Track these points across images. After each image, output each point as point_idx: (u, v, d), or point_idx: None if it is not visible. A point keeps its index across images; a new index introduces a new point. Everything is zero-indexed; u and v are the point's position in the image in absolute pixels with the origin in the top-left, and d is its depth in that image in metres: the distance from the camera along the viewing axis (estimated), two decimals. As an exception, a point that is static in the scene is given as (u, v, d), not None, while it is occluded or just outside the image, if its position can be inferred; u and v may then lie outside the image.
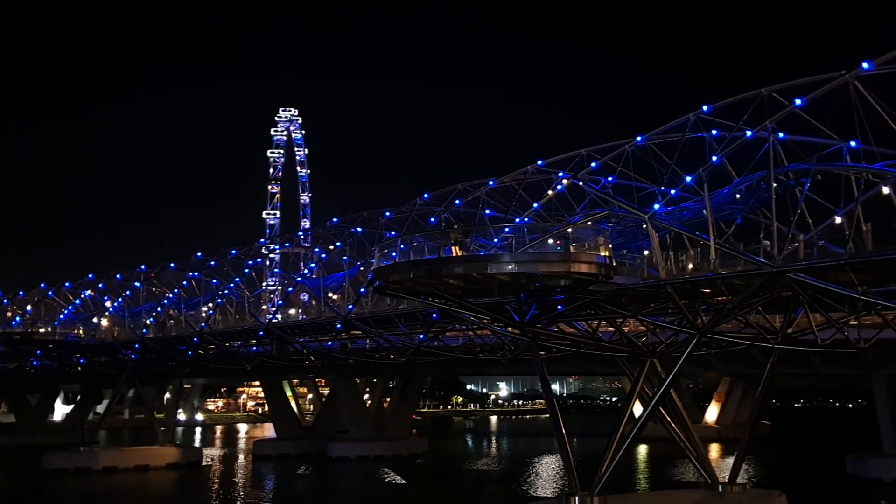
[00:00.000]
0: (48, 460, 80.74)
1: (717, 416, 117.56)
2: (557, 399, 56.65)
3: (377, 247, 37.72)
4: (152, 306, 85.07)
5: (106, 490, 68.79)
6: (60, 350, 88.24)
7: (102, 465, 79.62)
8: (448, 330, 63.57)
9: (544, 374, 39.36)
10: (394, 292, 36.98)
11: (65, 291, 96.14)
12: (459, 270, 31.69)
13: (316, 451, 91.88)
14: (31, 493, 68.83)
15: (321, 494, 68.13)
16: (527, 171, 49.43)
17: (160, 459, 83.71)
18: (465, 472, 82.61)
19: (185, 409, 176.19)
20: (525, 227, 37.53)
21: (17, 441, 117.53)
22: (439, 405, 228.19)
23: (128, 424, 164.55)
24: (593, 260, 31.99)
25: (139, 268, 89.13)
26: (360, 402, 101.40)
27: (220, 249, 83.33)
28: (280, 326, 70.94)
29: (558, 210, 46.41)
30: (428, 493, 65.68)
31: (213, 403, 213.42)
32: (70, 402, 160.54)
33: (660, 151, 44.08)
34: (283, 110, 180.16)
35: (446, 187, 56.99)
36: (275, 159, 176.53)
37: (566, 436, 37.83)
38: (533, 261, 31.74)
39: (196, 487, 70.31)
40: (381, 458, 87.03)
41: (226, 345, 79.81)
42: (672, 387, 39.95)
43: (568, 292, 35.14)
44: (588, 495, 36.27)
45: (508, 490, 65.47)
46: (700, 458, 41.93)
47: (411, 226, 57.60)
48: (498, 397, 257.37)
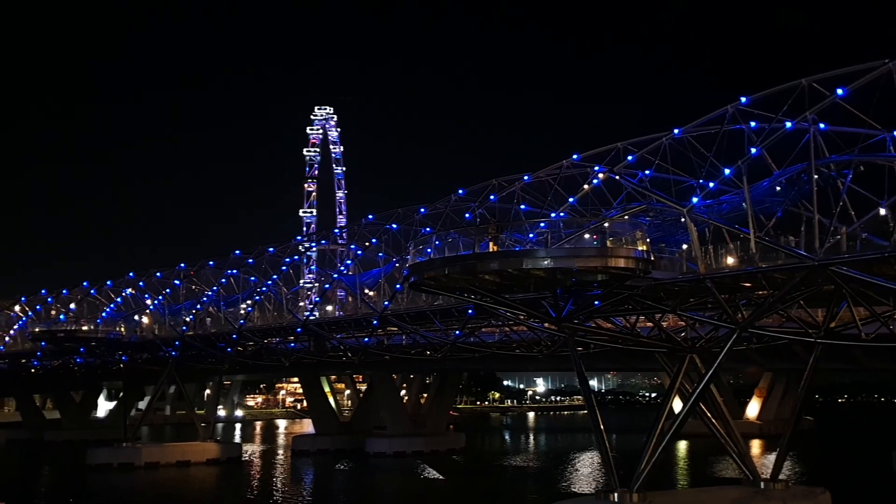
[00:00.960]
0: (92, 456, 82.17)
1: (759, 411, 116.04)
2: (595, 395, 56.13)
3: (412, 243, 37.74)
4: (192, 304, 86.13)
5: (148, 485, 69.87)
6: (103, 347, 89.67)
7: (144, 461, 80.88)
8: (484, 326, 63.40)
9: (582, 370, 39.12)
10: (429, 288, 36.98)
11: (106, 290, 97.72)
12: (494, 266, 31.57)
13: (354, 447, 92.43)
14: (75, 487, 70.13)
15: (360, 490, 68.51)
16: (562, 165, 49.02)
17: (201, 455, 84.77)
18: (503, 468, 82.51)
19: (225, 405, 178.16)
20: (561, 222, 37.28)
21: (62, 437, 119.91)
22: (476, 401, 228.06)
23: (169, 420, 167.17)
24: (631, 254, 31.66)
25: (179, 266, 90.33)
26: (397, 398, 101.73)
27: (258, 247, 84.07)
28: (317, 323, 71.38)
29: (594, 204, 45.95)
30: (466, 489, 65.68)
31: (252, 399, 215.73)
32: (113, 398, 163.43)
33: (697, 144, 43.42)
34: (319, 108, 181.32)
35: (481, 183, 56.77)
36: (311, 157, 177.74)
37: (605, 432, 37.59)
38: (569, 256, 31.49)
39: (236, 483, 71.09)
40: (418, 453, 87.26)
41: (264, 341, 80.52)
42: (712, 382, 39.54)
43: (605, 287, 34.84)
44: (627, 492, 36.01)
45: (546, 486, 65.17)
46: (741, 454, 41.42)
47: (446, 222, 57.49)
48: (535, 393, 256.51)
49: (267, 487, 67.48)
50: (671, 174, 44.47)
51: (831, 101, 36.74)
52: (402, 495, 65.26)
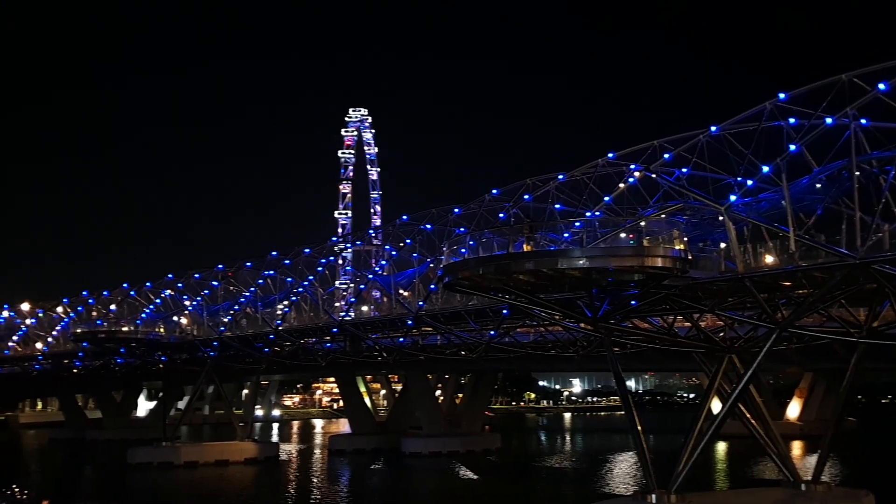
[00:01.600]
0: (132, 455, 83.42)
1: (800, 412, 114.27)
2: (633, 396, 55.73)
3: (446, 243, 37.80)
4: (230, 304, 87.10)
5: (187, 484, 70.73)
6: (143, 348, 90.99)
7: (184, 460, 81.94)
8: (519, 326, 63.22)
9: (618, 370, 38.80)
10: (463, 289, 36.95)
11: (146, 291, 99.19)
12: (529, 266, 31.45)
13: (390, 447, 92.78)
14: (116, 486, 71.26)
15: (396, 490, 68.68)
16: (597, 164, 48.65)
17: (239, 454, 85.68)
18: (539, 468, 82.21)
19: (262, 404, 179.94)
20: (596, 221, 37.05)
21: (104, 436, 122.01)
22: (511, 402, 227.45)
23: (208, 420, 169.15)
24: (668, 254, 31.34)
25: (216, 267, 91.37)
26: (432, 398, 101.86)
27: (295, 248, 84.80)
28: (353, 323, 71.77)
29: (630, 203, 45.55)
30: (502, 490, 65.53)
31: (289, 399, 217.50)
32: (153, 398, 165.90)
33: (735, 141, 42.82)
34: (353, 110, 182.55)
35: (515, 182, 56.59)
36: (345, 159, 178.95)
37: (642, 433, 37.26)
38: (605, 255, 31.25)
39: (274, 482, 71.69)
40: (454, 454, 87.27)
41: (301, 341, 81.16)
42: (751, 383, 38.93)
43: (642, 287, 34.52)
44: (665, 493, 35.66)
45: (583, 487, 64.79)
46: (782, 455, 40.81)
47: (480, 222, 57.43)
48: (571, 394, 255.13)
49: (304, 487, 67.96)
50: (709, 172, 43.95)
51: (872, 97, 36.04)
52: (438, 495, 65.27)
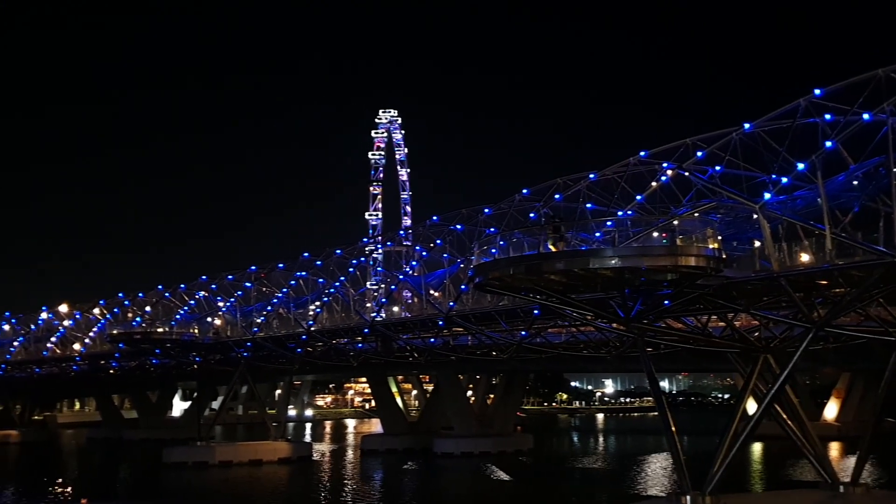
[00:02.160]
0: (167, 454, 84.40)
1: (837, 413, 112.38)
2: (666, 396, 55.12)
3: (477, 244, 37.69)
4: (262, 305, 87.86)
5: (222, 483, 71.41)
6: (177, 349, 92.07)
7: (218, 460, 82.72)
8: (550, 326, 62.94)
9: (652, 371, 38.47)
10: (494, 289, 36.83)
11: (180, 292, 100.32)
12: (560, 266, 31.25)
13: (421, 447, 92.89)
14: (152, 485, 72.17)
15: (429, 490, 68.77)
16: (629, 162, 48.25)
17: (272, 454, 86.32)
18: (572, 469, 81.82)
19: (295, 404, 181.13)
20: (628, 220, 36.73)
21: (140, 436, 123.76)
22: (543, 402, 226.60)
23: (241, 420, 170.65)
24: (701, 253, 30.96)
25: (249, 269, 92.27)
26: (463, 399, 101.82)
27: (326, 249, 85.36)
28: (384, 324, 71.99)
29: (663, 202, 45.12)
30: (535, 491, 65.30)
31: (321, 399, 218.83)
32: (187, 398, 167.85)
33: (769, 138, 42.24)
34: (383, 112, 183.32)
35: (545, 182, 56.33)
36: (375, 161, 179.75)
37: (676, 433, 36.90)
38: (637, 255, 30.94)
39: (307, 481, 72.14)
40: (486, 454, 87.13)
41: (332, 342, 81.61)
42: (787, 383, 38.40)
43: (675, 287, 34.16)
44: (700, 495, 35.29)
45: (616, 488, 64.40)
46: (819, 456, 40.19)
47: (511, 222, 57.26)
48: (604, 394, 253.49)
49: (337, 486, 68.31)
50: (742, 170, 43.41)
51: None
52: (471, 496, 65.26)
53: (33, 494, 62.37)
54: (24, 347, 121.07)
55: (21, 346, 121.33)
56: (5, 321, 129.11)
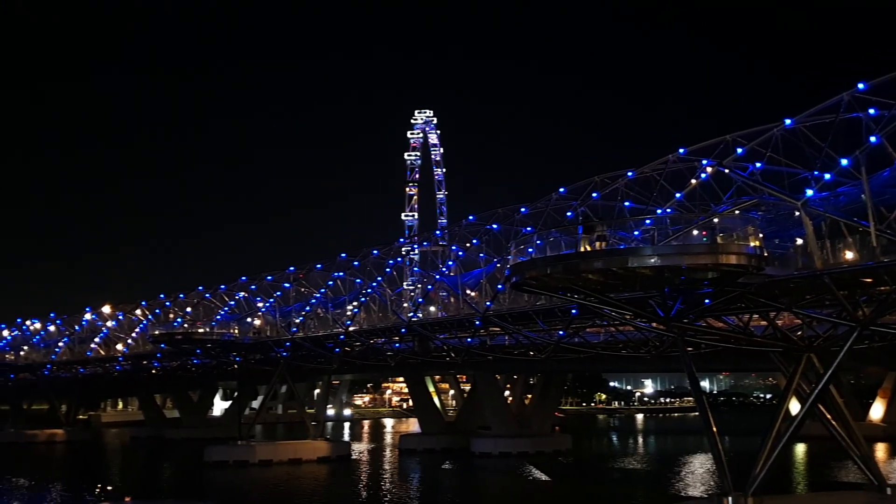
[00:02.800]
0: (209, 453, 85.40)
1: (883, 413, 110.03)
2: (707, 396, 54.48)
3: (513, 243, 37.61)
4: (301, 306, 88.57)
5: (262, 482, 72.08)
6: (218, 349, 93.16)
7: (258, 459, 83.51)
8: (589, 326, 62.56)
9: (692, 371, 38.06)
10: (531, 288, 36.74)
11: (220, 293, 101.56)
12: (598, 265, 31.06)
13: (459, 447, 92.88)
14: (194, 483, 73.11)
15: (467, 490, 68.74)
16: (668, 160, 47.78)
17: (312, 453, 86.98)
18: (611, 470, 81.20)
19: (333, 404, 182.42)
20: (668, 219, 36.34)
21: (182, 435, 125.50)
22: (582, 402, 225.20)
23: (281, 419, 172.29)
24: (742, 251, 30.59)
25: (288, 269, 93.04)
26: (501, 399, 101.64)
27: (363, 250, 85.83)
28: (421, 324, 72.14)
29: (703, 200, 44.67)
30: (573, 492, 64.95)
31: (360, 399, 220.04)
32: (228, 397, 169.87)
33: (811, 134, 41.58)
34: (419, 112, 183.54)
35: (583, 180, 55.98)
36: (411, 162, 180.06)
37: (717, 434, 36.45)
38: (677, 253, 30.64)
39: (346, 480, 72.58)
40: (523, 454, 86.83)
41: (370, 342, 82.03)
42: (831, 383, 37.75)
43: (716, 285, 33.77)
44: (742, 496, 34.89)
45: (656, 489, 63.82)
46: (864, 457, 39.47)
47: (547, 221, 56.99)
48: (643, 395, 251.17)
49: (376, 485, 68.59)
50: (784, 166, 42.74)
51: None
52: (509, 496, 65.06)
53: (79, 492, 63.55)
54: (69, 348, 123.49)
55: (66, 347, 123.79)
56: (51, 322, 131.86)
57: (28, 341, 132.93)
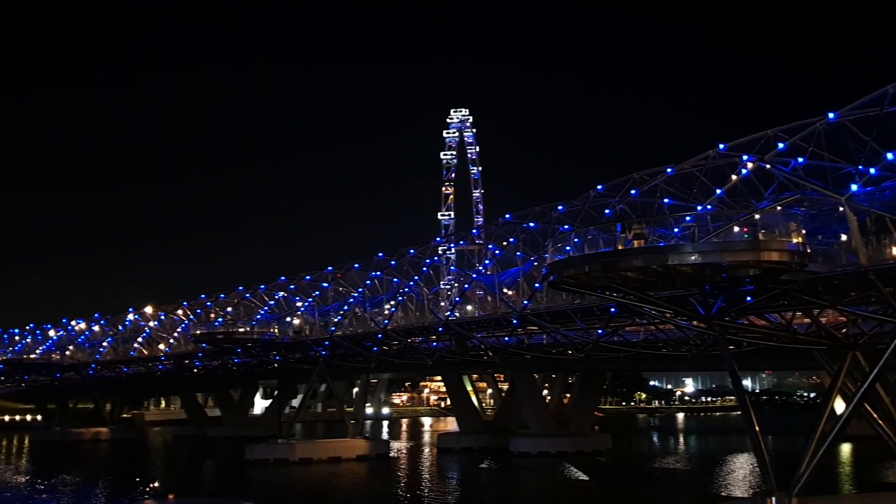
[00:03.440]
0: (250, 451, 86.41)
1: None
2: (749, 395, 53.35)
3: (551, 241, 37.42)
4: (339, 305, 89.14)
5: (303, 480, 72.71)
6: (258, 348, 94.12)
7: (298, 457, 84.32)
8: (628, 325, 62.01)
9: (734, 369, 37.56)
10: (569, 287, 36.54)
11: (260, 293, 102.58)
12: (638, 263, 30.79)
13: (497, 446, 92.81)
14: (236, 481, 73.97)
15: (506, 489, 68.64)
16: (708, 156, 47.14)
17: (351, 451, 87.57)
18: (651, 470, 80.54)
19: (372, 402, 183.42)
20: (708, 215, 35.88)
21: (223, 433, 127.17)
22: (622, 402, 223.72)
23: (320, 418, 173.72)
24: (785, 247, 30.11)
25: (326, 269, 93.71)
26: (539, 398, 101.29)
27: (400, 249, 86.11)
28: (458, 322, 72.17)
29: (744, 196, 43.93)
30: (613, 491, 64.51)
31: (398, 397, 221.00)
32: (268, 396, 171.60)
33: (855, 128, 40.72)
34: (455, 111, 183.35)
35: (621, 177, 55.48)
36: (447, 161, 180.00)
37: (760, 433, 35.92)
38: (718, 250, 30.25)
39: (385, 479, 72.89)
40: (563, 454, 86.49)
41: (408, 341, 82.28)
42: (877, 381, 36.99)
43: (758, 283, 33.27)
44: (786, 496, 34.36)
45: (698, 489, 63.12)
46: (913, 459, 38.58)
47: (585, 219, 56.59)
48: (684, 394, 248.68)
49: (415, 484, 68.80)
50: (827, 161, 41.89)
51: None
52: (549, 496, 64.83)
53: (124, 490, 64.67)
54: (113, 348, 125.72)
55: (110, 347, 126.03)
56: (95, 322, 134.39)
57: (73, 341, 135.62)
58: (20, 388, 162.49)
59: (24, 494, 63.61)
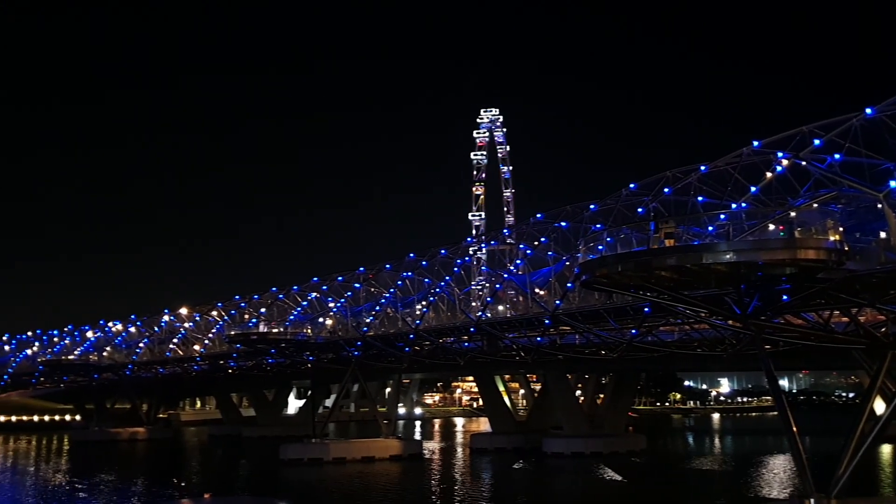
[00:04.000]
0: (284, 451, 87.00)
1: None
2: (786, 396, 52.76)
3: (583, 240, 37.22)
4: (371, 305, 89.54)
5: (337, 480, 73.04)
6: (292, 348, 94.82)
7: (332, 457, 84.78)
8: (662, 324, 61.46)
9: (771, 369, 37.07)
10: (602, 286, 36.33)
11: (293, 294, 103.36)
12: (671, 262, 30.51)
13: (530, 446, 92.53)
14: (271, 480, 74.52)
15: (539, 490, 68.35)
16: (742, 153, 46.59)
17: (384, 451, 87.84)
18: (686, 471, 79.77)
19: (404, 402, 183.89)
20: (743, 213, 35.53)
21: (258, 433, 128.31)
22: (656, 402, 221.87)
23: (353, 417, 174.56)
24: (821, 245, 29.65)
25: (358, 270, 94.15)
26: (572, 398, 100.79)
27: (431, 250, 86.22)
28: (489, 323, 72.06)
29: (779, 193, 43.36)
30: (648, 493, 63.94)
31: (430, 397, 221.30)
32: (302, 396, 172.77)
33: (893, 124, 39.99)
34: (485, 111, 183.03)
35: (654, 175, 55.00)
36: (478, 161, 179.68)
37: (797, 434, 35.39)
38: (753, 249, 29.88)
39: (419, 479, 72.98)
40: (597, 454, 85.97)
41: (439, 341, 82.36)
42: (919, 381, 36.27)
43: (794, 281, 32.79)
44: (825, 498, 33.84)
45: (734, 490, 62.35)
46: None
47: (617, 218, 56.24)
48: (719, 394, 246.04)
49: (449, 484, 68.79)
50: (864, 157, 41.17)
51: None
52: (583, 497, 64.46)
53: (161, 488, 65.48)
54: (150, 349, 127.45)
55: (146, 348, 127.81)
56: (131, 323, 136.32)
57: (111, 342, 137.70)
58: (59, 389, 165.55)
59: (64, 493, 64.67)
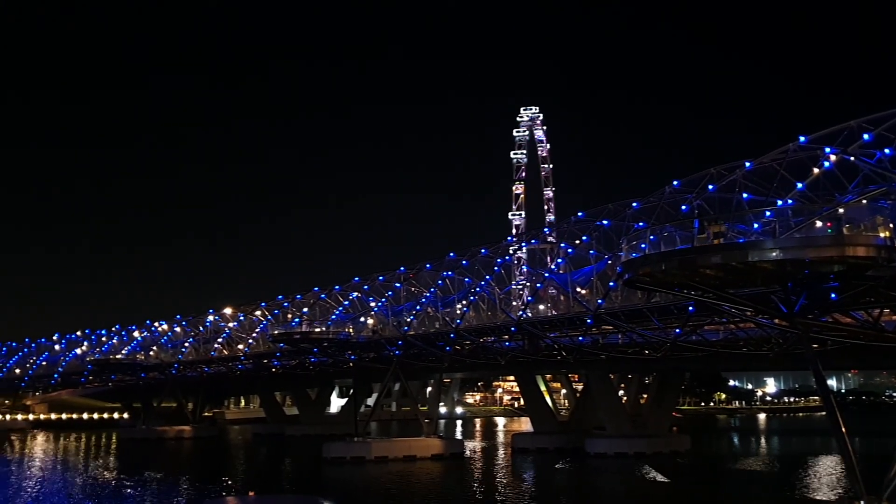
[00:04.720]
0: (327, 450, 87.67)
1: None
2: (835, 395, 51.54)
3: (625, 239, 36.81)
4: (412, 305, 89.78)
5: (379, 478, 73.35)
6: (334, 347, 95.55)
7: (374, 455, 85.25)
8: (707, 323, 60.60)
9: (819, 369, 36.28)
10: (645, 285, 35.92)
11: (335, 293, 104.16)
12: (717, 260, 30.00)
13: (573, 446, 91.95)
14: (314, 479, 75.15)
15: (583, 490, 67.94)
16: (788, 149, 45.74)
17: (426, 450, 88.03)
18: (732, 472, 78.66)
19: (445, 402, 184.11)
20: (789, 210, 34.77)
21: (301, 431, 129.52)
22: (700, 402, 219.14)
23: (395, 416, 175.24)
24: (871, 242, 28.92)
25: (399, 269, 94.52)
26: (615, 398, 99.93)
27: (471, 249, 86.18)
28: (530, 322, 71.75)
29: (826, 189, 42.51)
30: (692, 494, 63.14)
31: (471, 397, 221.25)
32: (344, 395, 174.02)
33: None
34: (524, 110, 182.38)
35: (698, 172, 54.26)
36: (518, 160, 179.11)
37: (847, 435, 34.62)
38: (800, 246, 29.26)
39: (461, 478, 72.97)
40: (640, 455, 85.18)
41: (480, 340, 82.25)
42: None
43: (842, 279, 32.07)
44: (875, 500, 32.98)
45: (780, 492, 61.30)
46: None
47: (661, 215, 55.57)
48: (765, 394, 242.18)
49: (490, 484, 68.69)
50: (916, 151, 40.23)
51: None
52: (627, 497, 63.89)
53: (206, 486, 66.39)
54: (195, 348, 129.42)
55: (192, 347, 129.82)
56: (177, 324, 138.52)
57: (157, 342, 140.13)
58: (108, 388, 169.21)
59: (113, 490, 65.94)
